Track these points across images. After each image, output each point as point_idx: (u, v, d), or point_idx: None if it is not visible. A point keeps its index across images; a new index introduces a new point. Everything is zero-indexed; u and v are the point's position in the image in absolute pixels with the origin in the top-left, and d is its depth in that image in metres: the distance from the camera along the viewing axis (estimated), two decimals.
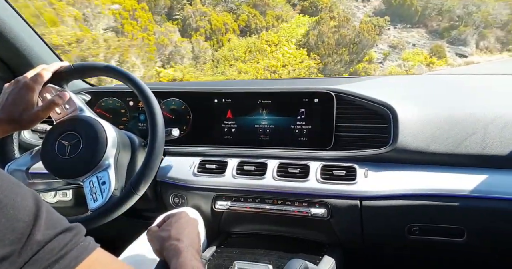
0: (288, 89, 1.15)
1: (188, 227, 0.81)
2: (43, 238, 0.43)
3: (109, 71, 0.95)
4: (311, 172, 1.05)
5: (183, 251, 0.70)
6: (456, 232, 0.97)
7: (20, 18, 1.27)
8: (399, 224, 1.00)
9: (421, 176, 0.99)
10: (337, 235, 1.04)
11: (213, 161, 1.14)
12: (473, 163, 0.98)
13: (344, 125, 1.09)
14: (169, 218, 0.85)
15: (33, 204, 0.44)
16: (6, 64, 1.31)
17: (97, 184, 0.88)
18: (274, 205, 1.06)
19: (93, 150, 0.89)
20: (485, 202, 0.93)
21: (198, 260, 0.70)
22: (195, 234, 0.82)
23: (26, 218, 0.43)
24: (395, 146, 1.00)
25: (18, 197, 0.43)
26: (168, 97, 1.22)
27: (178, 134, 1.03)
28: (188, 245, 0.73)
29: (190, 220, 0.85)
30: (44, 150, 0.93)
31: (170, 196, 1.15)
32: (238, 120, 1.18)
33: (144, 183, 0.88)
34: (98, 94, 1.28)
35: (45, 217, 0.44)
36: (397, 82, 1.37)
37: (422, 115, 1.03)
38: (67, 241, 0.45)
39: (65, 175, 0.92)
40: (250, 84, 1.31)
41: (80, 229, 0.48)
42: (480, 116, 1.01)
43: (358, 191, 0.99)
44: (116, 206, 0.86)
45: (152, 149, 0.89)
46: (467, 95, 1.19)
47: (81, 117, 0.94)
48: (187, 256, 0.69)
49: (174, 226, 0.80)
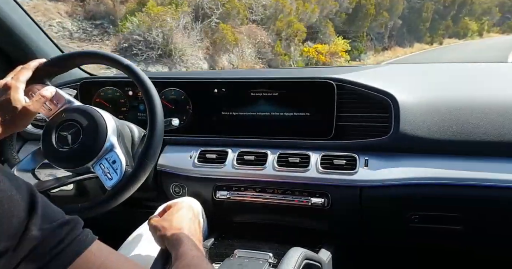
0: (289, 78, 1.14)
1: (189, 216, 0.82)
2: (40, 233, 0.43)
3: (97, 57, 0.94)
4: (311, 162, 1.05)
5: (184, 241, 0.70)
6: (454, 220, 0.98)
7: (20, 8, 1.26)
8: (399, 212, 1.01)
9: (421, 165, 0.98)
10: (337, 224, 1.05)
11: (213, 151, 1.14)
12: (473, 152, 0.98)
13: (345, 115, 1.09)
14: (170, 208, 0.85)
15: (29, 198, 0.44)
16: (6, 55, 1.30)
17: (108, 165, 0.88)
18: (274, 194, 1.06)
19: (94, 135, 0.89)
20: (484, 191, 0.93)
21: (199, 250, 0.70)
22: (196, 223, 0.82)
23: (22, 213, 0.42)
24: (396, 135, 1.00)
25: (13, 191, 0.42)
26: (168, 87, 1.22)
27: (178, 124, 1.03)
28: (189, 235, 0.74)
29: (191, 209, 0.85)
30: (46, 147, 0.92)
31: (170, 185, 1.16)
32: (238, 110, 1.17)
33: (153, 151, 0.88)
34: (98, 83, 1.27)
35: (41, 211, 0.44)
36: (398, 71, 1.36)
37: (423, 103, 1.03)
38: (64, 235, 0.45)
39: (74, 165, 0.91)
40: (250, 74, 1.30)
41: (77, 222, 0.48)
42: (482, 104, 1.01)
43: (358, 180, 0.99)
44: (133, 179, 0.86)
45: (153, 114, 0.89)
46: (468, 83, 1.18)
47: (74, 107, 0.93)
48: (188, 246, 0.69)
49: (175, 216, 0.80)
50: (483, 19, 34.73)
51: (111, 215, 0.88)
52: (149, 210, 1.01)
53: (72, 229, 0.46)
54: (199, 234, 0.78)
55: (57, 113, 0.93)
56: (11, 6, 1.22)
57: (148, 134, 0.89)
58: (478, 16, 33.91)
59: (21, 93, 0.84)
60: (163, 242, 0.75)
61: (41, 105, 0.87)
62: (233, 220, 1.17)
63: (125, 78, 1.22)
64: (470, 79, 1.22)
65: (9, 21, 1.20)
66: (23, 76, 0.86)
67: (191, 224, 0.79)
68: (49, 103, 0.93)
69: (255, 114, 1.16)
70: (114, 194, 0.85)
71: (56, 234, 0.44)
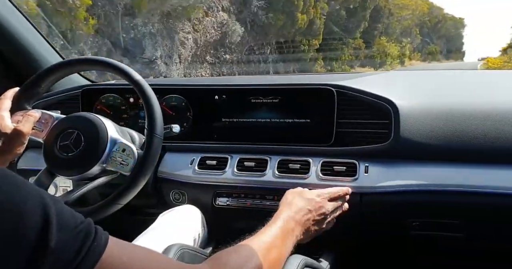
0: (289, 85, 1.15)
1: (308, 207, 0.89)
2: (57, 245, 0.41)
3: (84, 63, 0.97)
4: (311, 168, 1.04)
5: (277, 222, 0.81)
6: (455, 227, 0.97)
7: (21, 15, 1.27)
8: (399, 219, 1.00)
9: (422, 172, 0.98)
10: (337, 231, 1.05)
11: (213, 158, 1.14)
12: (474, 158, 0.97)
13: (345, 121, 1.09)
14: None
15: (42, 209, 0.42)
16: (7, 62, 1.31)
17: (119, 154, 0.89)
18: (274, 201, 1.06)
19: (96, 135, 0.89)
20: (485, 198, 0.92)
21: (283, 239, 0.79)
22: (311, 218, 0.89)
23: (36, 225, 0.40)
24: (396, 142, 1.00)
25: (26, 203, 0.41)
26: (169, 94, 1.22)
27: (179, 131, 1.03)
28: (297, 221, 0.85)
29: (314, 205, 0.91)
30: (51, 162, 0.91)
31: (170, 192, 1.15)
32: (238, 116, 1.18)
33: (159, 124, 0.89)
34: (99, 90, 1.28)
35: (56, 220, 0.42)
36: (398, 78, 1.37)
37: (423, 110, 1.03)
38: (80, 243, 0.44)
39: (84, 169, 0.89)
40: (250, 81, 1.31)
41: (89, 225, 0.47)
42: (481, 111, 1.01)
43: (359, 187, 0.99)
44: (148, 157, 0.87)
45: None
46: (469, 90, 1.18)
47: (67, 116, 0.94)
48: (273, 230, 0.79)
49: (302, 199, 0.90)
50: (403, 41, 27.56)
51: (111, 222, 0.87)
52: (149, 217, 1.01)
53: (86, 235, 0.45)
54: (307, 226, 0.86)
55: (51, 130, 0.93)
56: (11, 12, 1.23)
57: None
58: (397, 37, 27.19)
59: (7, 120, 0.83)
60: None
61: (31, 125, 0.87)
62: (233, 227, 1.16)
63: (126, 85, 1.22)
64: (470, 86, 1.23)
65: (9, 27, 1.21)
66: (4, 105, 0.86)
67: (306, 214, 0.86)
68: (39, 124, 0.93)
69: (256, 120, 1.16)
70: (135, 176, 0.87)
71: (73, 244, 0.43)
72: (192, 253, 0.86)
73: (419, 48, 35.01)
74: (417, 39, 32.40)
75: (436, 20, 42.01)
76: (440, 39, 44.63)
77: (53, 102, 1.29)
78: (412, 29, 30.46)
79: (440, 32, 44.28)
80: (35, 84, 0.95)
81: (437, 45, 41.44)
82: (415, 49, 32.92)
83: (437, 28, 43.08)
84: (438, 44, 42.35)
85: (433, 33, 41.47)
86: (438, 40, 43.52)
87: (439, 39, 43.90)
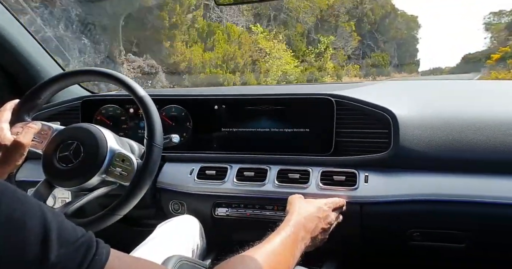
0: (288, 94, 1.15)
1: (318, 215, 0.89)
2: (58, 259, 0.41)
3: (84, 74, 0.96)
4: (311, 178, 1.04)
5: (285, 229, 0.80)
6: (456, 238, 0.96)
7: (21, 26, 1.28)
8: (400, 229, 0.99)
9: (422, 181, 0.98)
10: (338, 241, 1.04)
11: (213, 168, 1.13)
12: (473, 168, 0.97)
13: (345, 131, 1.09)
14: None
15: (42, 224, 0.42)
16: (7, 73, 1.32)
17: (118, 165, 0.89)
18: (274, 211, 1.05)
19: (95, 144, 0.89)
20: (486, 208, 0.92)
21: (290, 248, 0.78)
22: (320, 226, 0.89)
23: (36, 240, 0.40)
24: (395, 151, 1.00)
25: (26, 218, 0.41)
26: (169, 104, 1.22)
27: (178, 141, 1.03)
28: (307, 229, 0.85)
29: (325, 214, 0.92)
30: (51, 173, 0.91)
31: (169, 202, 1.15)
32: (238, 126, 1.18)
33: (158, 134, 0.89)
34: (99, 101, 1.28)
35: (56, 235, 0.42)
36: (397, 87, 1.37)
37: (422, 120, 1.03)
38: (82, 258, 0.44)
39: (87, 177, 0.89)
40: (250, 90, 1.31)
41: (90, 238, 0.46)
42: (481, 120, 1.01)
43: (359, 196, 0.99)
44: (148, 167, 0.87)
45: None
46: (468, 100, 1.19)
47: (64, 128, 0.94)
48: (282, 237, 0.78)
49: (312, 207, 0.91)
50: (340, 48, 18.35)
51: (109, 233, 0.87)
52: (147, 228, 1.00)
53: (88, 249, 0.45)
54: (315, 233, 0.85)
55: (50, 141, 0.93)
56: (11, 23, 1.23)
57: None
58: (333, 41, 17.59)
59: (7, 132, 0.84)
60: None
61: (31, 136, 0.86)
62: (232, 237, 1.15)
63: (125, 96, 1.23)
64: (469, 95, 1.23)
65: (9, 38, 1.22)
66: (3, 117, 0.87)
67: (316, 221, 0.86)
68: (38, 136, 0.92)
69: (255, 130, 1.16)
70: (137, 182, 0.86)
71: (74, 258, 0.43)
72: (191, 264, 0.85)
73: (357, 57, 21.82)
74: (353, 41, 19.82)
75: (383, 11, 27.60)
76: (389, 43, 29.43)
77: (53, 113, 1.29)
78: (345, 27, 18.69)
79: (389, 32, 29.51)
80: (35, 96, 0.95)
81: (385, 52, 26.80)
82: (350, 59, 20.12)
83: (384, 25, 28.35)
84: (386, 50, 27.72)
85: (379, 33, 27.11)
86: (386, 45, 28.58)
87: (387, 42, 28.97)
